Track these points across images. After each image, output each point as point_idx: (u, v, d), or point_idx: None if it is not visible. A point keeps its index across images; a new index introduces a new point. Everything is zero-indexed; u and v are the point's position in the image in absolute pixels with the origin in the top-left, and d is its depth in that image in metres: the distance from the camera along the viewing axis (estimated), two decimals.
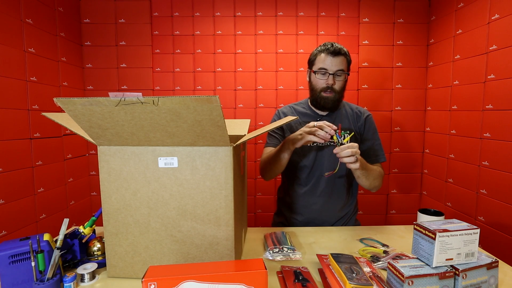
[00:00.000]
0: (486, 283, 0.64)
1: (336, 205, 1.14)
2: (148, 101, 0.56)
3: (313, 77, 1.12)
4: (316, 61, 1.11)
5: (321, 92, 1.10)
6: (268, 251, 0.83)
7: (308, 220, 1.14)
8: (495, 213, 1.45)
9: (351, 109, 1.20)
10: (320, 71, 1.09)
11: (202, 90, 2.09)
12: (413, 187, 2.15)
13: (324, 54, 1.09)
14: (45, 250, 0.66)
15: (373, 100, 2.10)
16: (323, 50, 1.09)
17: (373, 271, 0.72)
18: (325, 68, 1.08)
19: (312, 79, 1.13)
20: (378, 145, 1.19)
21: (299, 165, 1.15)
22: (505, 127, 1.40)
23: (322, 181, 1.13)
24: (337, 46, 1.08)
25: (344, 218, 1.16)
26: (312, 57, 1.14)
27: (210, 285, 0.53)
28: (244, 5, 2.05)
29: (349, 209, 1.18)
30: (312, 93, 1.14)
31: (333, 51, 1.07)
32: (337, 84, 1.09)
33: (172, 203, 0.70)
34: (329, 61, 1.07)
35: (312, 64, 1.13)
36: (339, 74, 1.08)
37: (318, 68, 1.09)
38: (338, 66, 1.07)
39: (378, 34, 2.07)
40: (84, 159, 2.04)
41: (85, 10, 2.01)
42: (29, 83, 1.54)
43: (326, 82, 1.09)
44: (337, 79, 1.09)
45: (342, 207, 1.15)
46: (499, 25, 1.44)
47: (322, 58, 1.09)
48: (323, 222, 1.13)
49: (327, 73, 1.08)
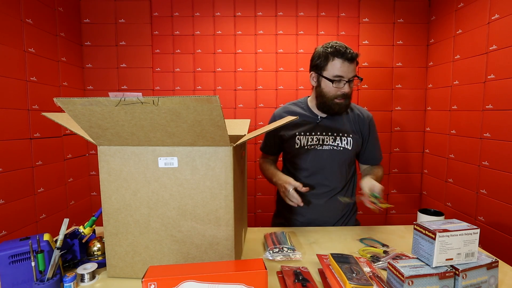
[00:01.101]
0: (486, 283, 0.64)
1: (337, 205, 1.14)
2: (148, 101, 0.56)
3: (325, 83, 1.04)
4: (328, 67, 1.02)
5: (335, 99, 1.04)
6: (268, 251, 0.83)
7: (310, 221, 1.14)
8: (495, 213, 1.45)
9: (352, 110, 1.17)
10: (335, 79, 1.01)
11: (202, 90, 2.09)
12: (413, 187, 2.15)
13: (339, 60, 1.00)
14: (45, 250, 0.66)
15: (373, 100, 2.10)
16: (337, 55, 1.00)
17: (373, 271, 0.72)
18: (341, 75, 1.00)
19: (324, 86, 1.05)
20: (379, 147, 1.20)
21: (298, 167, 1.14)
22: (505, 127, 1.40)
23: (323, 182, 1.13)
24: (352, 52, 1.00)
25: (344, 217, 1.16)
26: (321, 60, 1.03)
27: (210, 285, 0.53)
28: (244, 5, 2.05)
29: (348, 208, 1.18)
30: (322, 99, 1.07)
31: (350, 57, 0.99)
32: (350, 89, 1.04)
33: (172, 203, 0.70)
34: (345, 68, 1.00)
35: (322, 68, 1.04)
36: (352, 79, 1.03)
37: (333, 75, 1.01)
38: (353, 73, 1.02)
39: (378, 34, 2.07)
40: (84, 159, 2.04)
41: (85, 10, 2.01)
42: (29, 83, 1.54)
43: (342, 91, 1.02)
44: (350, 85, 1.04)
45: (343, 207, 1.15)
46: (499, 25, 1.44)
47: (338, 65, 1.00)
48: (325, 222, 1.13)
49: (343, 80, 1.01)
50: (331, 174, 1.11)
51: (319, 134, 1.11)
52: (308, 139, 1.11)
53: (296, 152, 1.11)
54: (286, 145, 1.15)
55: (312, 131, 1.11)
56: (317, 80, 1.08)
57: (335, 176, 1.12)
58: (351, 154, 1.12)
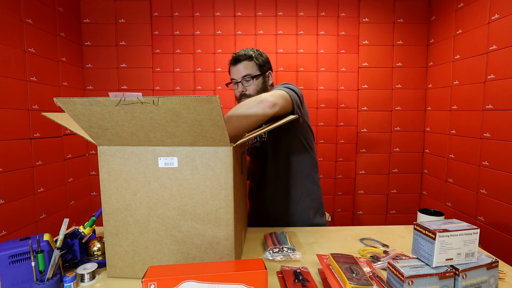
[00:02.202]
0: (486, 283, 0.64)
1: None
2: (148, 101, 0.56)
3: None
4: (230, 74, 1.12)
5: (241, 99, 1.08)
6: (268, 251, 0.83)
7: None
8: (495, 213, 1.45)
9: None
10: (232, 82, 1.10)
11: (202, 90, 2.09)
12: (413, 187, 2.15)
13: (229, 66, 1.10)
14: (45, 250, 0.66)
15: (373, 100, 2.10)
16: (229, 61, 1.10)
17: (373, 271, 0.72)
18: (233, 78, 1.09)
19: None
20: None
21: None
22: (505, 127, 1.40)
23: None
24: (238, 53, 1.07)
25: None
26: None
27: (210, 285, 0.53)
28: (244, 5, 2.05)
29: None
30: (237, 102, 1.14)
31: (233, 60, 1.07)
32: (249, 89, 1.07)
33: (172, 203, 0.70)
34: (233, 71, 1.08)
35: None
36: (247, 79, 1.06)
37: (230, 80, 1.11)
38: (241, 72, 1.06)
39: (378, 34, 2.07)
40: (84, 159, 2.04)
41: (85, 10, 2.01)
42: (29, 83, 1.54)
43: (238, 91, 1.09)
44: (246, 84, 1.07)
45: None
46: (499, 25, 1.44)
47: (230, 70, 1.10)
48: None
49: (236, 82, 1.08)
50: (272, 165, 1.13)
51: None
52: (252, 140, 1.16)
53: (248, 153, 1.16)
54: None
55: None
56: None
57: (280, 165, 1.12)
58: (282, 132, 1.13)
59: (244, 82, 1.07)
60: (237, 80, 1.08)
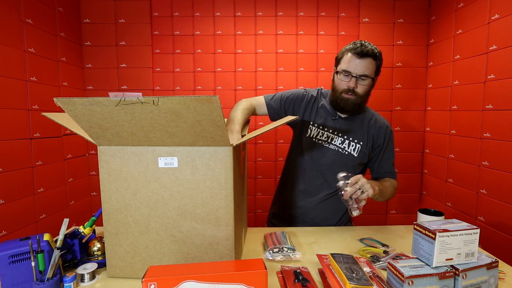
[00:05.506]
0: (486, 283, 0.64)
1: (332, 207, 1.12)
2: (148, 101, 0.56)
3: (336, 77, 1.06)
4: (341, 61, 1.04)
5: (342, 93, 1.04)
6: (268, 251, 0.83)
7: (303, 222, 1.13)
8: (495, 213, 1.45)
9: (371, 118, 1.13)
10: (343, 73, 1.02)
11: (202, 90, 2.09)
12: (413, 187, 2.15)
13: (349, 55, 1.01)
14: (45, 250, 0.66)
15: (373, 100, 2.09)
16: (350, 50, 1.01)
17: (373, 271, 0.72)
18: (348, 70, 1.01)
19: (335, 79, 1.07)
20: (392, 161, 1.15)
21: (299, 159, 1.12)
22: (505, 127, 1.40)
23: (320, 181, 1.11)
24: (367, 48, 0.99)
25: (341, 220, 1.15)
26: (339, 55, 1.06)
27: (210, 285, 0.53)
28: (244, 5, 2.05)
29: (344, 209, 1.15)
30: (333, 92, 1.08)
31: (360, 52, 0.98)
32: (360, 88, 1.02)
33: (172, 203, 0.70)
34: (354, 63, 1.00)
35: (338, 62, 1.06)
36: (364, 78, 1.01)
37: (342, 69, 1.03)
38: (363, 70, 1.00)
39: (378, 34, 2.07)
40: (84, 159, 2.04)
41: (85, 10, 2.01)
42: (29, 83, 1.54)
43: (347, 85, 1.02)
44: (360, 82, 1.02)
45: (338, 208, 1.13)
46: (499, 25, 1.44)
47: (347, 59, 1.01)
48: (317, 224, 1.12)
49: (350, 75, 1.01)
50: (330, 175, 1.09)
51: (331, 131, 1.10)
52: (319, 133, 1.10)
53: (303, 141, 1.10)
54: (296, 128, 1.14)
55: (325, 126, 1.10)
56: (333, 75, 1.10)
57: (334, 178, 1.10)
58: (355, 160, 1.09)
59: (360, 80, 1.01)
60: (354, 74, 1.00)
